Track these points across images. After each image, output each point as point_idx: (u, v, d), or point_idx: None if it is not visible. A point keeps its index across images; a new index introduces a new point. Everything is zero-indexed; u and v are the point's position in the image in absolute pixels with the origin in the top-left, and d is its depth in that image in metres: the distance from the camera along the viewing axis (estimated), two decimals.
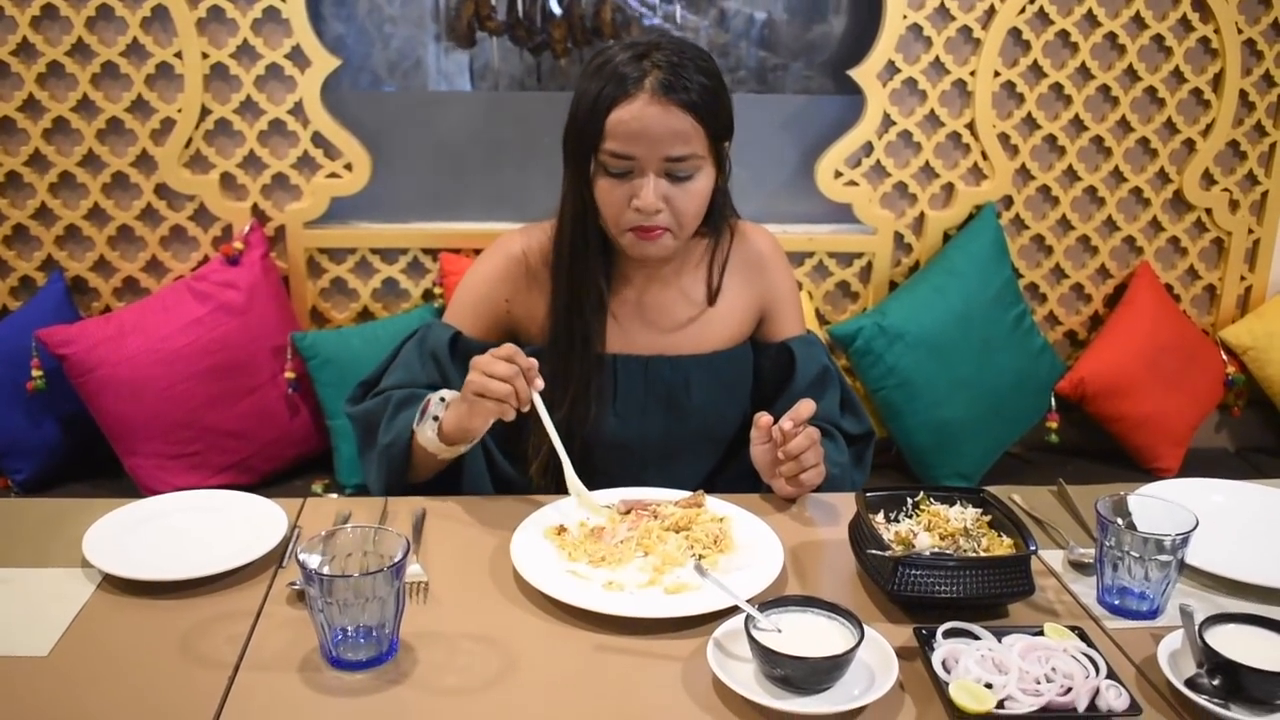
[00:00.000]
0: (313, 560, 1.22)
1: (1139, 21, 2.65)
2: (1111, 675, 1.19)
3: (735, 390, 1.83)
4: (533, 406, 1.55)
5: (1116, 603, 1.39)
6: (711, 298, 1.83)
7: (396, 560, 1.21)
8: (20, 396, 2.41)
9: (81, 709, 1.15)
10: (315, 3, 2.57)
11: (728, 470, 1.86)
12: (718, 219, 1.81)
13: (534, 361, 1.54)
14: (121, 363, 2.37)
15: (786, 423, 1.58)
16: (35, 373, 2.39)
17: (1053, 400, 2.74)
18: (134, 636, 1.28)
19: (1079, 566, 1.50)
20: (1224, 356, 2.85)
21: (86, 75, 2.49)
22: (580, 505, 1.57)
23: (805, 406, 1.60)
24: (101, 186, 2.56)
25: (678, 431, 1.81)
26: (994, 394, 2.64)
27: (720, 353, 1.83)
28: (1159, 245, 2.83)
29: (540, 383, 1.54)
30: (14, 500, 1.66)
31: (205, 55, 2.49)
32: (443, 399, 1.62)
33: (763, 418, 1.62)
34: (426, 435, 1.61)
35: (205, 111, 2.53)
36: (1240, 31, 2.66)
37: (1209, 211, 2.80)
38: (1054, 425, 2.73)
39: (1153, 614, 1.38)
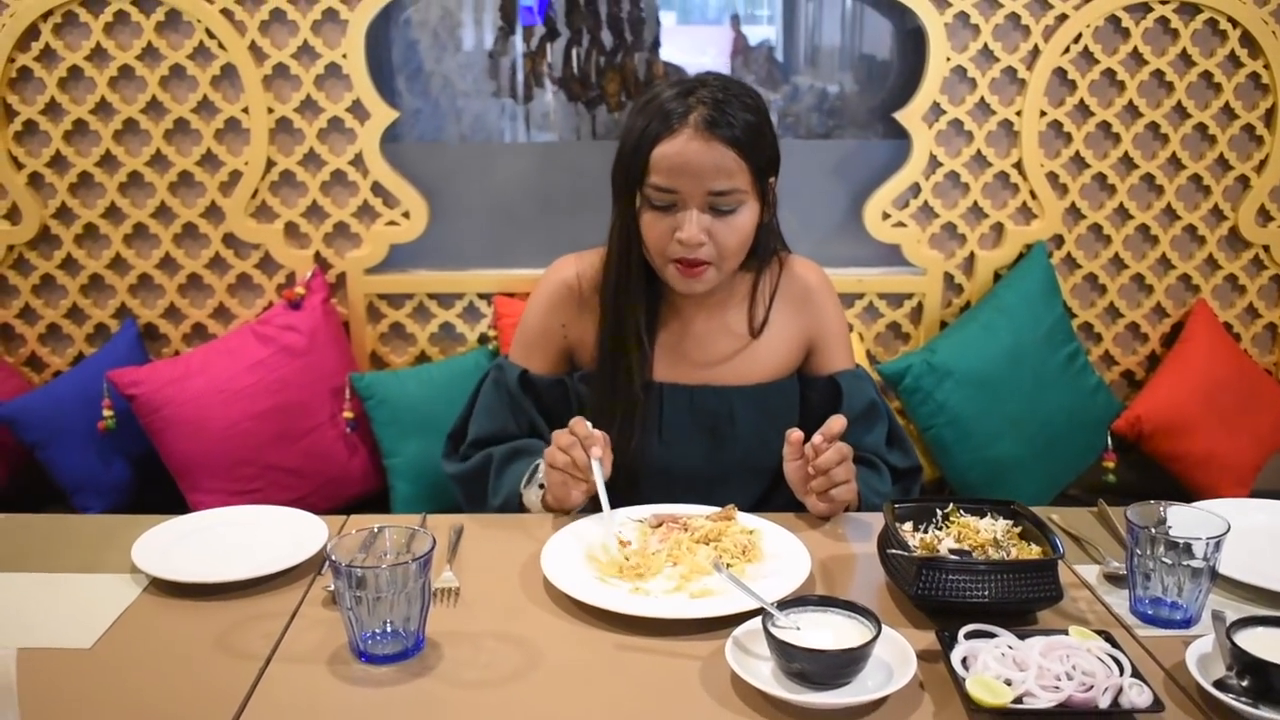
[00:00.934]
0: (344, 557, 1.26)
1: (1186, 59, 2.65)
2: (1136, 675, 1.18)
3: (780, 421, 1.83)
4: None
5: (1150, 613, 1.38)
6: (755, 331, 1.85)
7: (423, 554, 1.25)
8: (93, 436, 2.50)
9: (117, 694, 1.20)
10: (376, 60, 2.67)
11: (772, 501, 1.87)
12: (764, 253, 1.84)
13: (595, 433, 1.60)
14: (187, 402, 2.46)
15: (817, 438, 1.60)
16: (106, 413, 2.49)
17: (1109, 440, 2.70)
18: (173, 633, 1.33)
19: (1113, 579, 1.48)
20: None
21: (159, 131, 2.61)
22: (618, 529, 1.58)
23: (836, 422, 1.61)
24: (173, 237, 2.67)
25: (722, 460, 1.83)
26: (1047, 432, 2.61)
27: (765, 384, 1.85)
28: (1216, 283, 2.80)
29: (598, 451, 1.59)
30: (68, 516, 1.73)
31: (270, 110, 2.60)
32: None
33: (794, 434, 1.64)
34: (531, 498, 1.72)
35: (270, 164, 2.64)
36: None
37: (1266, 248, 2.77)
38: (1111, 465, 2.69)
39: (1186, 623, 1.36)
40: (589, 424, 1.61)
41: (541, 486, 1.69)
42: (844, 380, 1.88)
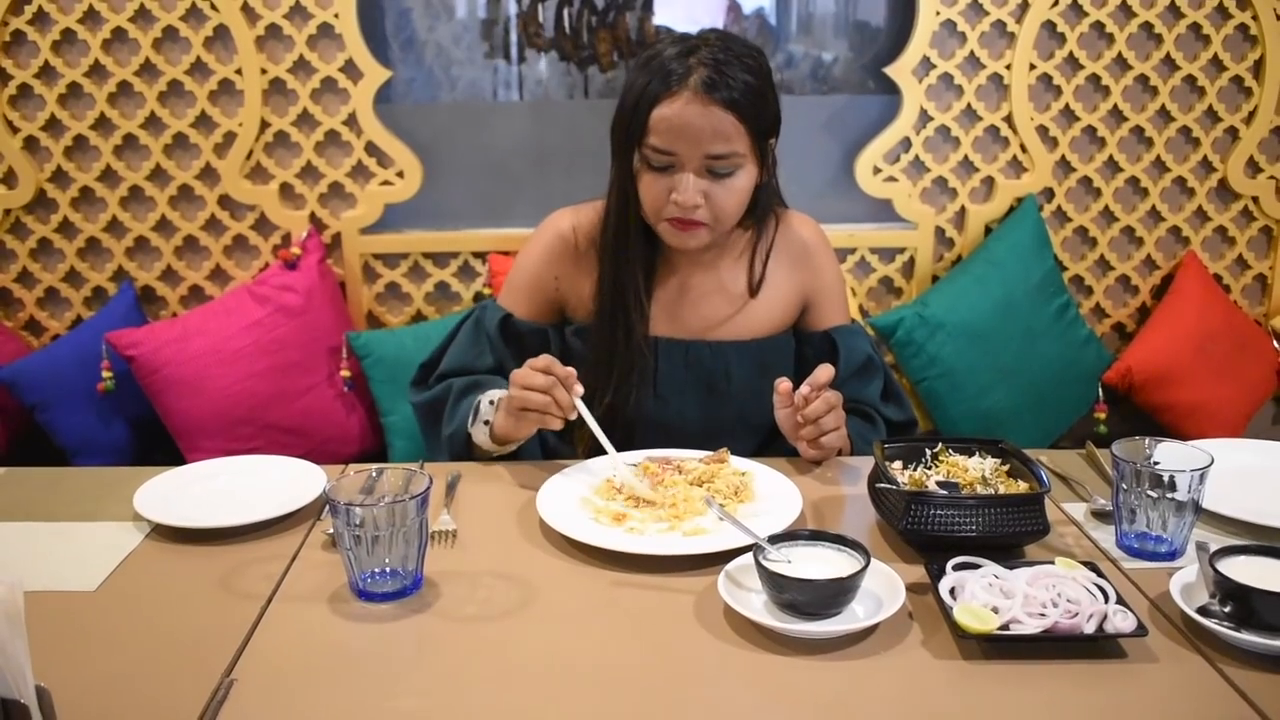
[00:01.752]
0: (344, 498, 1.28)
1: (1175, 10, 2.66)
2: (1121, 603, 1.20)
3: (774, 377, 1.81)
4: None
5: (1136, 547, 1.40)
6: (753, 289, 1.86)
7: (420, 491, 1.27)
8: (92, 398, 2.52)
9: (122, 634, 1.22)
10: (368, 20, 2.68)
11: (768, 454, 1.89)
12: (762, 211, 1.84)
13: (571, 370, 1.58)
14: (185, 363, 2.48)
15: (805, 388, 1.62)
16: (105, 374, 2.51)
17: (1100, 391, 2.73)
18: (176, 576, 1.35)
19: (1100, 516, 1.51)
20: (1277, 345, 2.81)
21: (153, 93, 2.62)
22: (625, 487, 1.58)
23: (823, 372, 1.63)
24: (168, 199, 2.69)
25: (717, 415, 1.85)
26: (1038, 383, 2.64)
27: (760, 340, 1.87)
28: (1206, 235, 2.82)
29: (580, 389, 1.59)
30: (69, 470, 1.75)
31: (264, 71, 2.61)
32: (492, 401, 1.69)
33: (783, 384, 1.66)
34: (480, 436, 1.69)
35: (264, 125, 2.65)
36: (1279, 17, 2.65)
37: (1255, 199, 2.79)
38: (1102, 416, 2.72)
39: (1171, 556, 1.38)
40: (557, 362, 1.59)
41: (487, 423, 1.68)
42: (840, 335, 1.89)
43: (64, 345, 2.59)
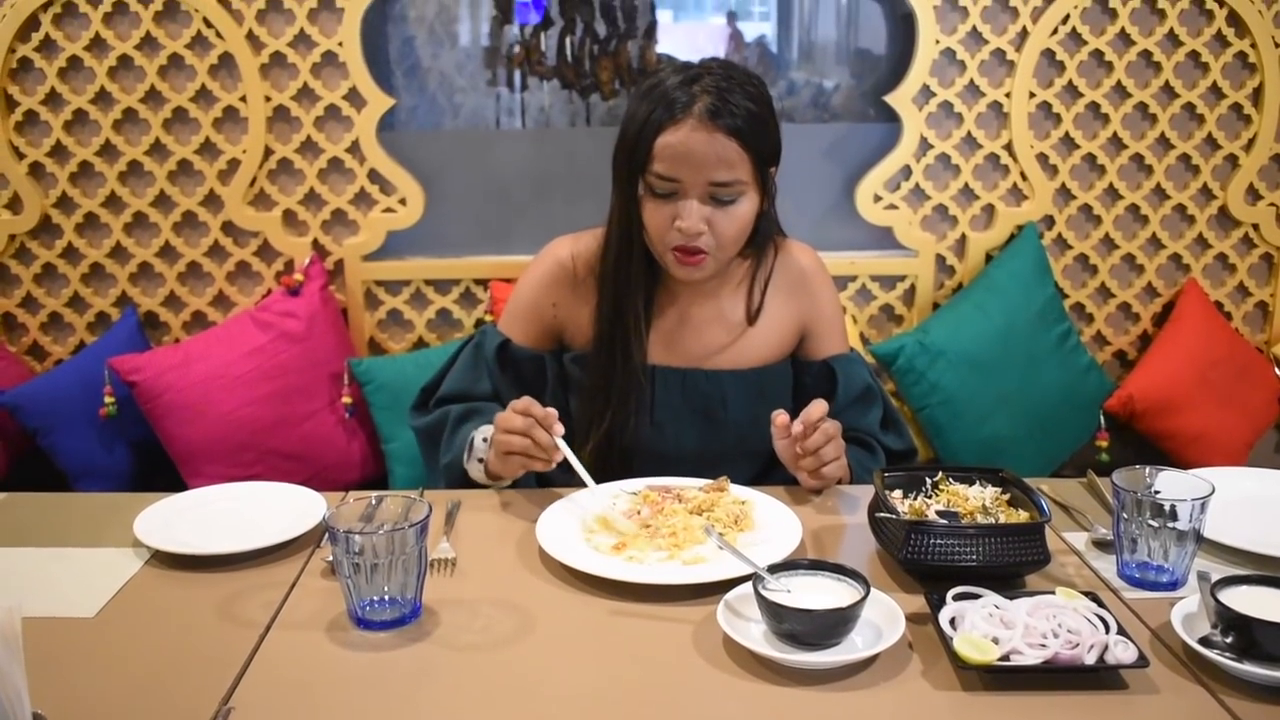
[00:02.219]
0: (343, 526, 1.28)
1: (1173, 39, 2.67)
2: (1122, 633, 1.20)
3: (773, 406, 1.79)
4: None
5: (1137, 576, 1.40)
6: (751, 318, 1.86)
7: (419, 519, 1.27)
8: (94, 423, 2.52)
9: (120, 660, 1.22)
10: (372, 47, 2.69)
11: (766, 482, 1.87)
12: (761, 240, 1.85)
13: (550, 411, 1.59)
14: (187, 388, 2.48)
15: (797, 426, 1.61)
16: (107, 399, 2.51)
17: (1102, 419, 2.72)
18: (175, 602, 1.35)
19: (1101, 545, 1.51)
20: (1278, 373, 2.81)
21: (158, 120, 2.63)
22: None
23: (817, 408, 1.63)
24: (172, 225, 2.70)
25: (714, 444, 1.84)
26: (1040, 411, 2.64)
27: (758, 369, 1.86)
28: (1206, 262, 2.82)
29: (560, 429, 1.59)
30: (70, 495, 1.75)
31: (268, 98, 2.63)
32: (485, 439, 1.70)
33: (780, 416, 1.65)
34: (475, 472, 1.71)
35: (268, 152, 2.66)
36: (1278, 45, 2.66)
37: (1256, 227, 2.79)
38: (1104, 444, 2.71)
39: (1172, 585, 1.38)
40: (536, 403, 1.61)
41: (481, 461, 1.69)
42: (838, 364, 1.89)
43: (67, 370, 2.59)
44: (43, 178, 2.66)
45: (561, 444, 1.59)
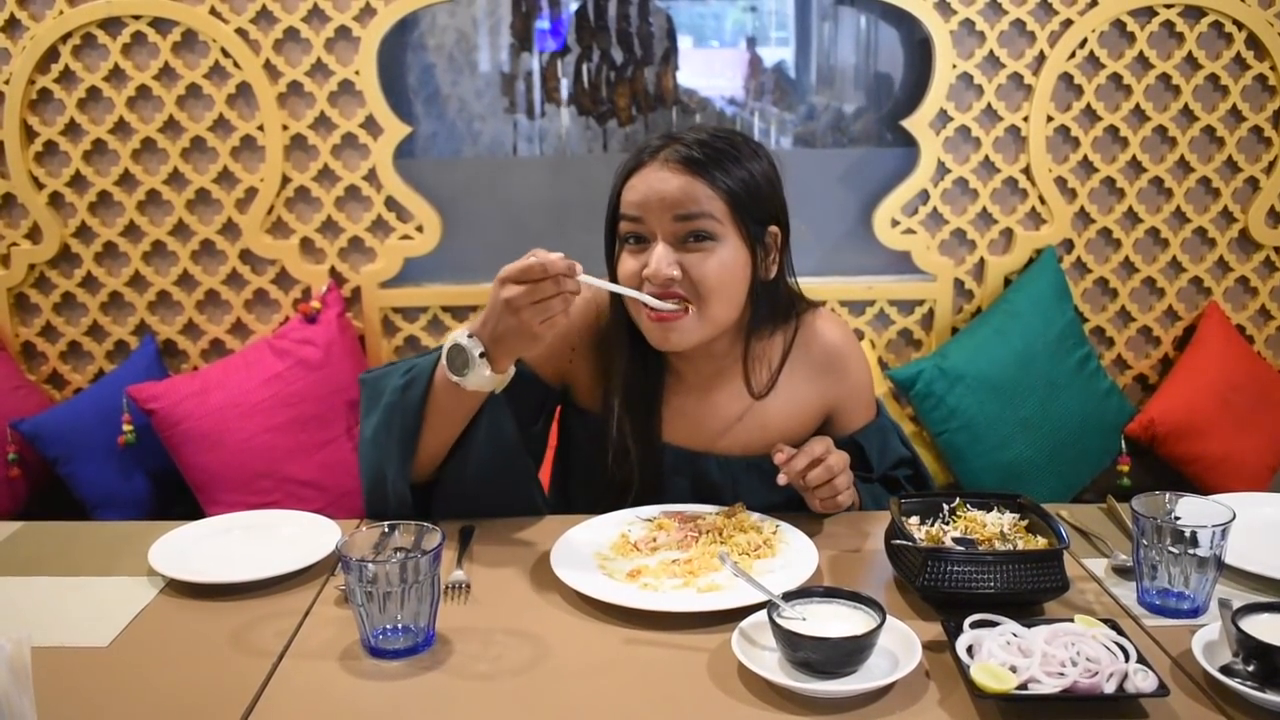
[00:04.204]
0: (356, 554, 1.28)
1: (1192, 62, 2.66)
2: (1142, 661, 1.18)
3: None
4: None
5: (1157, 603, 1.38)
6: (760, 392, 1.72)
7: (432, 547, 1.27)
8: (113, 451, 2.54)
9: (133, 690, 1.22)
10: (391, 75, 2.71)
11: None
12: (775, 313, 1.72)
13: (564, 264, 1.44)
14: (205, 416, 2.49)
15: (781, 479, 1.56)
16: (126, 427, 2.52)
17: (1123, 443, 2.70)
18: (189, 631, 1.35)
19: (1121, 572, 1.49)
20: None
21: (177, 149, 2.66)
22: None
23: (818, 444, 1.57)
24: (190, 254, 2.72)
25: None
26: (1060, 436, 2.62)
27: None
28: (1228, 285, 2.80)
29: (579, 266, 1.45)
30: (86, 524, 1.76)
31: (285, 127, 2.65)
32: (471, 335, 1.49)
33: (779, 454, 1.57)
34: (479, 380, 1.50)
35: (285, 180, 2.68)
36: None
37: (1278, 250, 2.78)
38: (1125, 469, 2.69)
39: (1194, 613, 1.36)
40: (546, 254, 1.44)
41: (483, 355, 1.48)
42: (868, 441, 1.77)
43: (86, 399, 2.61)
44: (62, 207, 2.68)
45: (590, 278, 1.47)
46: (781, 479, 1.57)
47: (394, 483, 1.60)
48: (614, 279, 1.62)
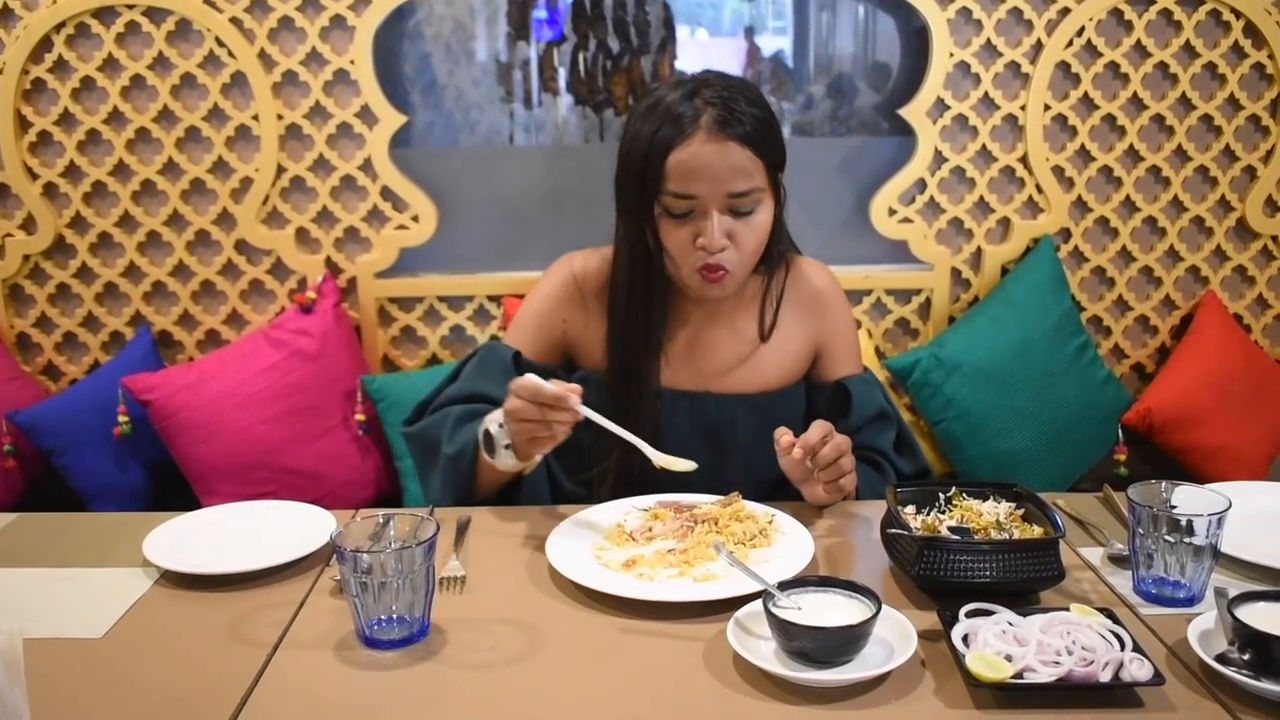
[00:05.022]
0: (351, 545, 1.28)
1: (1190, 50, 2.65)
2: (1138, 650, 1.18)
3: (780, 422, 1.71)
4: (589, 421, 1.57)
5: (1153, 592, 1.38)
6: (765, 334, 1.83)
7: (427, 538, 1.26)
8: (108, 442, 2.53)
9: (126, 681, 1.22)
10: (387, 64, 2.70)
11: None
12: (774, 255, 1.81)
13: (565, 391, 1.52)
14: (201, 407, 2.48)
15: (798, 451, 1.56)
16: (121, 419, 2.51)
17: (1120, 432, 2.70)
18: (183, 622, 1.35)
19: (1117, 561, 1.49)
20: None
21: (171, 139, 2.64)
22: (670, 466, 1.59)
23: (816, 430, 1.58)
24: (185, 244, 2.70)
25: (723, 469, 1.78)
26: (1057, 426, 2.62)
27: (769, 393, 1.83)
28: (1225, 274, 2.80)
29: (577, 399, 1.53)
30: (81, 515, 1.75)
31: (280, 117, 2.63)
32: (501, 425, 1.60)
33: (784, 437, 1.58)
34: (507, 463, 1.62)
35: (280, 170, 2.67)
36: None
37: (1275, 239, 2.77)
38: (1122, 458, 2.69)
39: (1190, 601, 1.36)
40: (542, 383, 1.53)
41: (508, 446, 1.60)
42: (852, 385, 1.85)
43: (81, 390, 2.60)
44: (56, 198, 2.67)
45: (587, 410, 1.54)
46: (797, 452, 1.56)
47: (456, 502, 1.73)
48: (643, 240, 1.70)
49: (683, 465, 1.58)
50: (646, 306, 1.76)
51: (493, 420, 1.61)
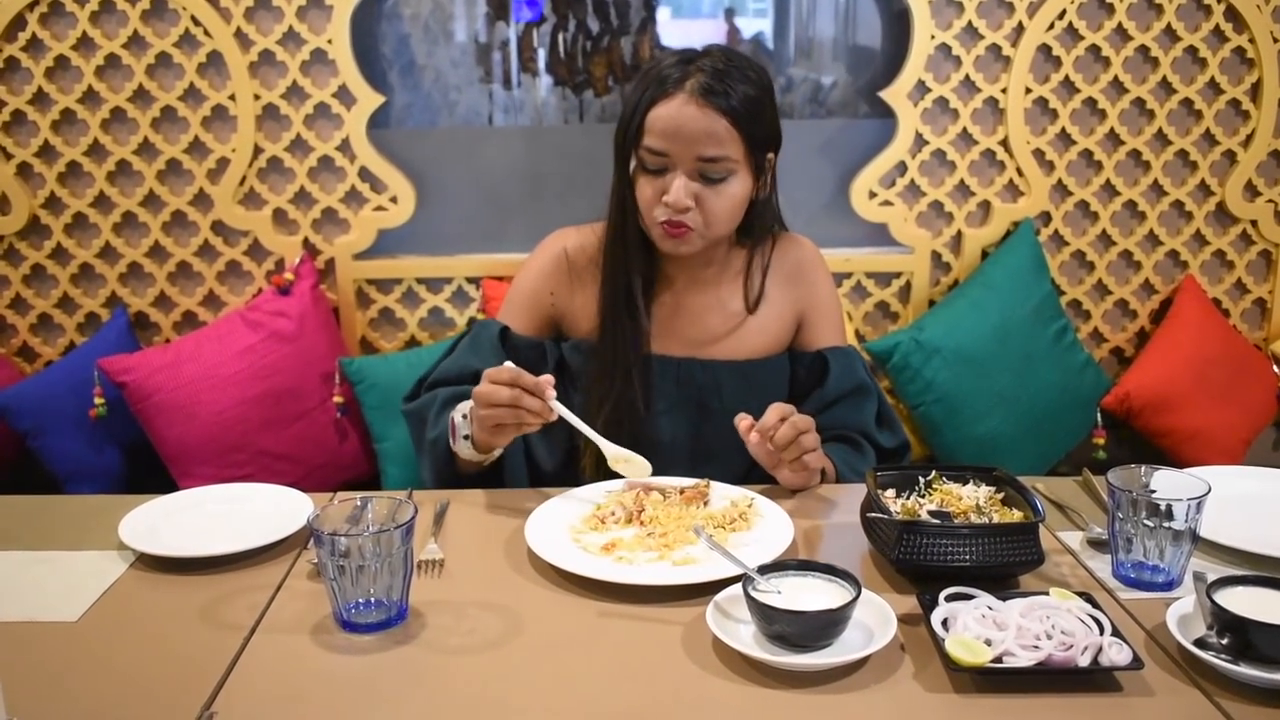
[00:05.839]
0: (328, 528, 1.27)
1: (1171, 34, 2.65)
2: (1117, 634, 1.18)
3: (768, 398, 1.74)
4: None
5: (1132, 576, 1.38)
6: (751, 306, 1.86)
7: (405, 521, 1.26)
8: (84, 424, 2.50)
9: (102, 665, 1.21)
10: (365, 45, 2.68)
11: (757, 475, 1.85)
12: (760, 230, 1.86)
13: (543, 380, 1.55)
14: (178, 389, 2.46)
15: (754, 436, 1.59)
16: (97, 400, 2.49)
17: (1099, 416, 2.71)
18: (159, 606, 1.34)
19: (1096, 545, 1.49)
20: (1277, 370, 2.80)
21: (147, 119, 2.61)
22: (628, 470, 1.63)
23: (772, 413, 1.60)
24: (161, 225, 2.68)
25: (708, 435, 1.83)
26: (1036, 409, 2.62)
27: (754, 361, 1.86)
28: (1204, 259, 2.80)
29: (551, 391, 1.56)
30: (55, 497, 1.73)
31: (257, 97, 2.61)
32: (465, 415, 1.65)
33: (742, 421, 1.61)
34: (465, 452, 1.67)
35: (258, 150, 2.64)
36: (1276, 40, 2.64)
37: (1254, 223, 2.78)
38: (1101, 442, 2.70)
39: (1168, 586, 1.37)
40: (523, 371, 1.56)
41: (467, 437, 1.65)
42: (832, 357, 1.88)
43: (57, 371, 2.57)
44: (31, 178, 2.64)
45: (557, 405, 1.57)
46: (754, 436, 1.59)
47: (442, 484, 1.77)
48: (625, 197, 1.76)
49: (636, 468, 1.62)
50: (634, 264, 1.80)
51: (459, 410, 1.67)
